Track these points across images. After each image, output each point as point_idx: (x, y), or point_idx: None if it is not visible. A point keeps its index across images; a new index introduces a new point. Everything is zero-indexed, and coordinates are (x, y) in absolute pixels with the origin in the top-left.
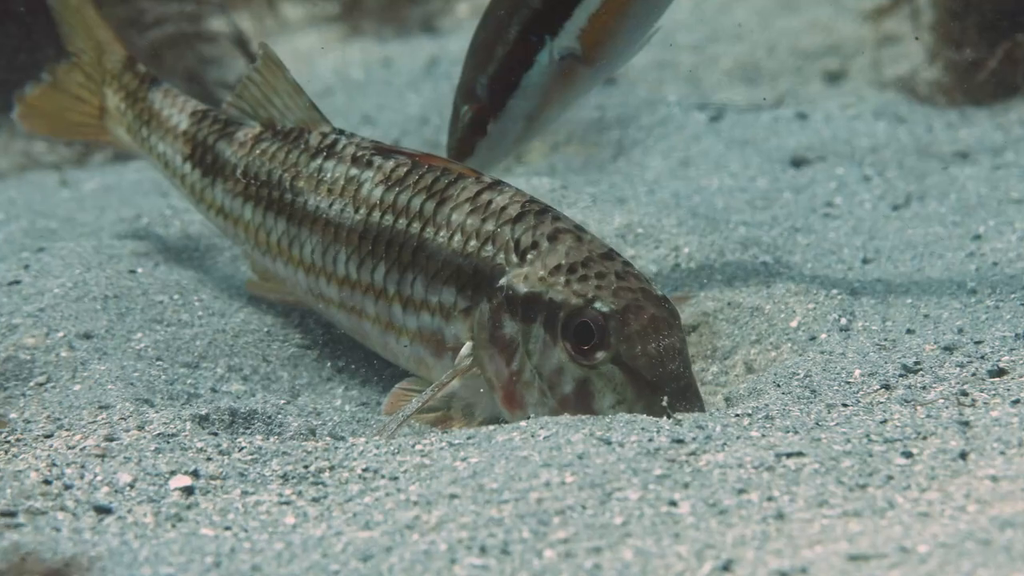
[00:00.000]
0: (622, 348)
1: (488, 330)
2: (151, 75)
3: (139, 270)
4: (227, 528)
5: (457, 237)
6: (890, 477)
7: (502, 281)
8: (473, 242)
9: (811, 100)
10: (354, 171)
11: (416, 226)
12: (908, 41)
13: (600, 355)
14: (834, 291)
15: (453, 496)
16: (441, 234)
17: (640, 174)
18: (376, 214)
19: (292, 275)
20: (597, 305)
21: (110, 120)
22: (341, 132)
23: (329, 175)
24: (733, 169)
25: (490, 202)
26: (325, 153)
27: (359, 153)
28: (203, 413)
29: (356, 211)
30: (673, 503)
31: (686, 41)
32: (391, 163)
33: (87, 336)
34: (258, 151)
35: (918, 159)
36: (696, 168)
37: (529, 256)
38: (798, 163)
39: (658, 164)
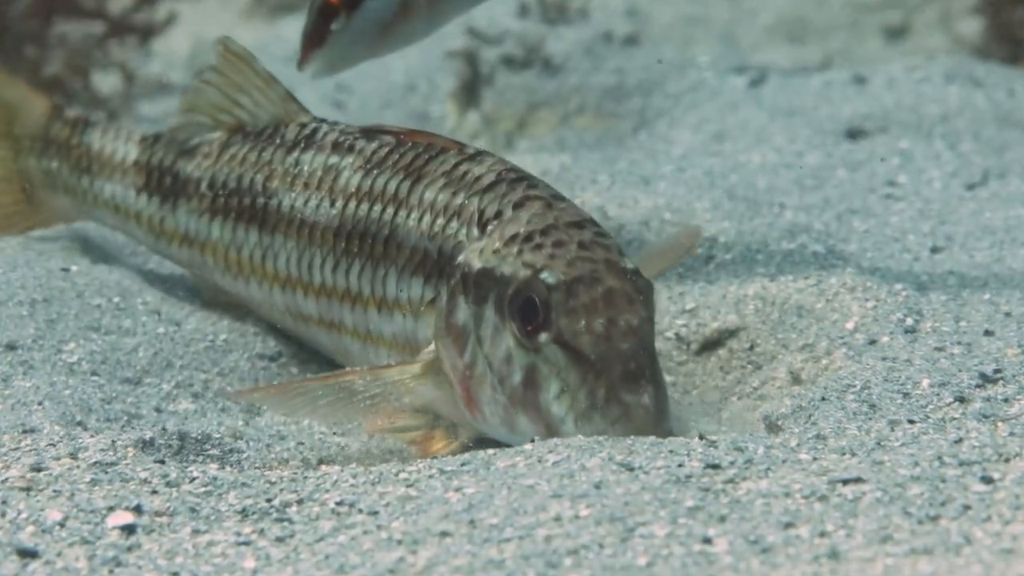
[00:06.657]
0: (563, 324)
1: (444, 318)
2: (83, 119)
3: (73, 268)
4: (175, 573)
5: (426, 218)
6: (967, 507)
7: (460, 258)
8: (440, 220)
9: (869, 61)
10: (333, 159)
11: (389, 212)
12: None
13: (543, 336)
14: (898, 286)
15: (444, 534)
16: (412, 217)
17: (666, 149)
18: (352, 205)
19: (268, 296)
20: (544, 275)
21: (41, 191)
22: (323, 121)
23: (306, 168)
24: (777, 143)
25: (465, 174)
26: (303, 145)
27: (341, 139)
28: (147, 437)
29: (332, 205)
30: (707, 540)
31: None
32: (373, 145)
33: (11, 347)
34: (226, 157)
35: (997, 129)
36: (733, 142)
37: (490, 228)
38: (854, 135)
39: (688, 138)
